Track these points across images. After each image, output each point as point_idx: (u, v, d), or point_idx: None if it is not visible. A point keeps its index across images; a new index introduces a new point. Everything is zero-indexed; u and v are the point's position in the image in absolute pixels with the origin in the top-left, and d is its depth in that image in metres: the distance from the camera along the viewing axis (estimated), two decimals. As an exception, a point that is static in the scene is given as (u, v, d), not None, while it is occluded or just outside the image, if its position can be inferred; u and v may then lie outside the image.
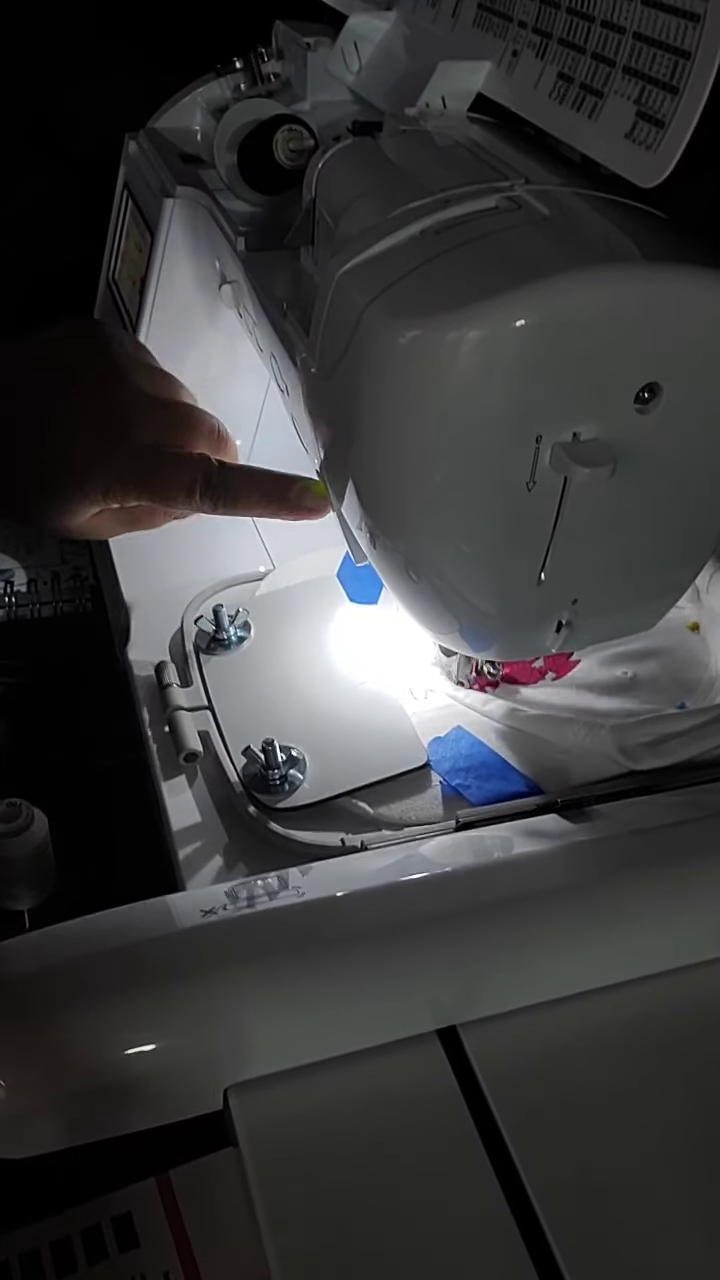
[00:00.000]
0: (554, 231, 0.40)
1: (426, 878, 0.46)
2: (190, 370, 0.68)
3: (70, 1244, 0.41)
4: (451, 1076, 0.42)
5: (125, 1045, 0.39)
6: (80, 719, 0.65)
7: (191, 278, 0.64)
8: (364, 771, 0.53)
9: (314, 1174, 0.40)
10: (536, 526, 0.43)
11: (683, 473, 0.43)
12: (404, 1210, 0.39)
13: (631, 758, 0.52)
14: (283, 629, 0.62)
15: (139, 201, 0.67)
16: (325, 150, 0.48)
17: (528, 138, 0.49)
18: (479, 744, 0.55)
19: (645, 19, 0.40)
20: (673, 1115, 0.42)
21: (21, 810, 0.52)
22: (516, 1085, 0.42)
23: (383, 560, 0.47)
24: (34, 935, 0.43)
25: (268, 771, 0.53)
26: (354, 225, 0.43)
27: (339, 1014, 0.42)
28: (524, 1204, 0.39)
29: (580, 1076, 0.43)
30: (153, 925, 0.43)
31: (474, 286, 0.38)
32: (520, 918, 0.44)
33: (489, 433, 0.40)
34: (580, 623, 0.48)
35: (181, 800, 0.54)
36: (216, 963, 0.41)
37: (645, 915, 0.45)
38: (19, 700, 0.67)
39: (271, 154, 0.56)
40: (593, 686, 0.59)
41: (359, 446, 0.43)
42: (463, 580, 0.45)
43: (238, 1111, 0.41)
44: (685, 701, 0.57)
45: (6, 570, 0.77)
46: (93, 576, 0.76)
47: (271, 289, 0.52)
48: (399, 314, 0.39)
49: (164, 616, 0.64)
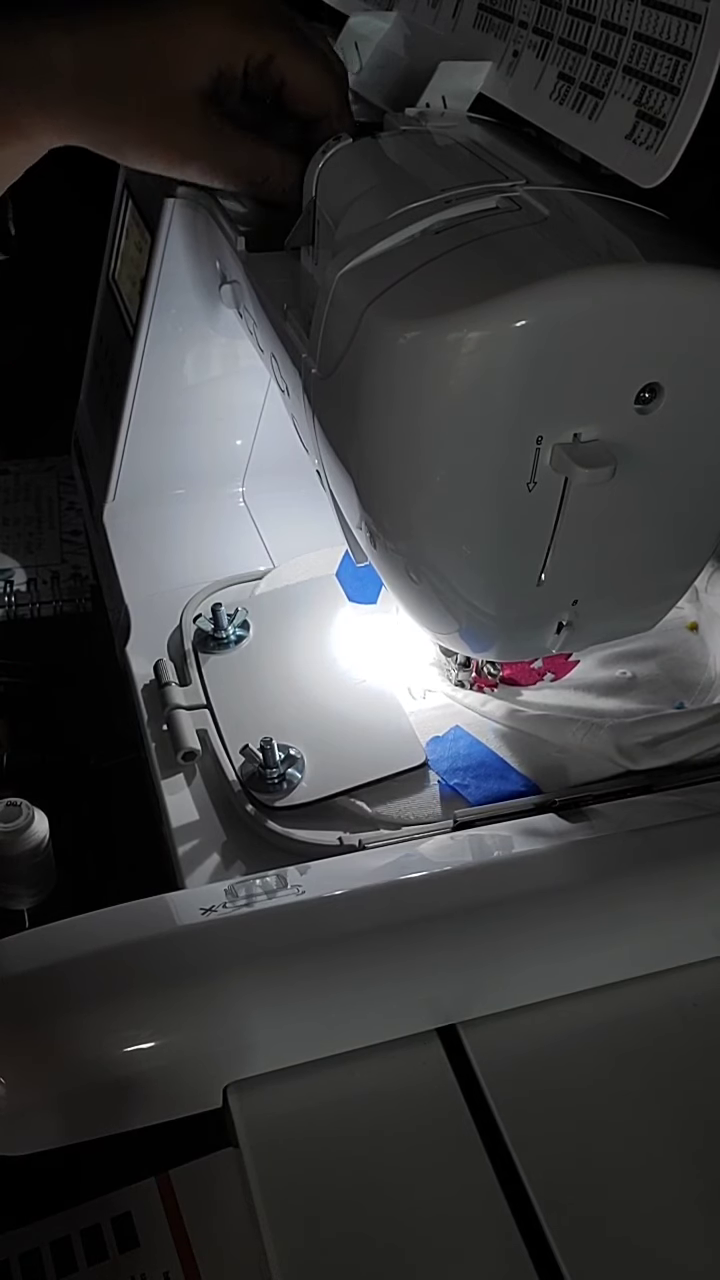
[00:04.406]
0: (554, 232, 0.40)
1: (425, 877, 0.46)
2: (190, 370, 0.68)
3: (70, 1244, 0.41)
4: (451, 1076, 0.42)
5: (124, 1043, 0.40)
6: (80, 719, 0.65)
7: (191, 278, 0.64)
8: (362, 771, 0.53)
9: (314, 1173, 0.40)
10: (537, 527, 0.43)
11: (683, 473, 0.43)
12: (404, 1209, 0.39)
13: (630, 758, 0.52)
14: (282, 628, 0.62)
15: (139, 201, 0.67)
16: (325, 150, 0.48)
17: (528, 138, 0.49)
18: (477, 744, 0.55)
19: (646, 19, 0.40)
20: (672, 1114, 0.42)
21: (21, 810, 0.53)
22: (516, 1084, 0.42)
23: (382, 560, 0.47)
24: (33, 933, 0.43)
25: (266, 770, 0.53)
26: (354, 225, 0.43)
27: (338, 1012, 0.42)
28: (523, 1203, 0.39)
29: (580, 1075, 0.43)
30: (152, 923, 0.43)
31: (475, 287, 0.38)
32: (519, 917, 0.44)
33: (489, 433, 0.40)
34: (580, 623, 0.48)
35: (180, 799, 0.54)
36: (216, 961, 0.41)
37: (643, 914, 0.45)
38: (19, 700, 0.67)
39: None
40: (591, 687, 0.59)
41: (359, 447, 0.43)
42: (463, 581, 0.45)
43: (237, 1110, 0.41)
44: (684, 702, 0.57)
45: (6, 570, 0.77)
46: (93, 576, 0.76)
47: (271, 289, 0.52)
48: (399, 315, 0.39)
49: (163, 616, 0.64)
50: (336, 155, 0.48)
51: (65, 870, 0.55)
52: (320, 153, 0.48)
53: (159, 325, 0.66)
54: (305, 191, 0.48)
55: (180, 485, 0.73)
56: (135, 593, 0.66)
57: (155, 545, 0.70)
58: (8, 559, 0.78)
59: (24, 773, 0.63)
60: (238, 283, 0.57)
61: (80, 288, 0.78)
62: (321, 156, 0.48)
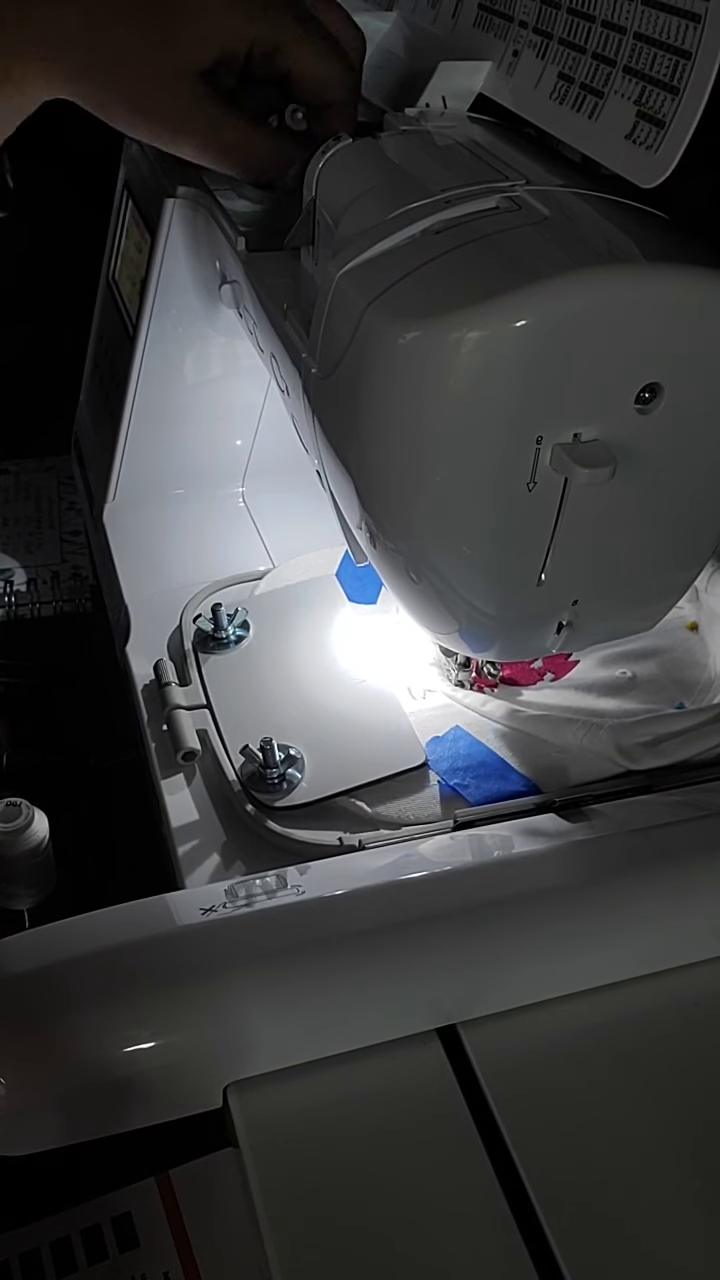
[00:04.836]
0: (554, 232, 0.40)
1: (425, 877, 0.46)
2: (190, 370, 0.68)
3: (70, 1244, 0.41)
4: (451, 1076, 0.42)
5: (124, 1043, 0.40)
6: (80, 719, 0.65)
7: (191, 278, 0.64)
8: (362, 771, 0.53)
9: (314, 1173, 0.40)
10: (537, 527, 0.43)
11: (683, 473, 0.43)
12: (404, 1209, 0.39)
13: (630, 757, 0.52)
14: (282, 628, 0.62)
15: (139, 201, 0.67)
16: (326, 150, 0.48)
17: (528, 138, 0.49)
18: (477, 744, 0.55)
19: (646, 19, 0.40)
20: (672, 1113, 0.42)
21: (21, 810, 0.53)
22: (516, 1084, 0.42)
23: (383, 560, 0.47)
24: (33, 933, 0.43)
25: (266, 770, 0.53)
26: (354, 225, 0.43)
27: (338, 1012, 0.42)
28: (523, 1202, 0.39)
29: (580, 1075, 0.43)
30: (152, 923, 0.43)
31: (474, 287, 0.38)
32: (519, 917, 0.44)
33: (489, 433, 0.40)
34: (580, 623, 0.48)
35: (180, 799, 0.54)
36: (215, 960, 0.41)
37: (643, 914, 0.45)
38: (19, 700, 0.67)
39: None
40: (591, 687, 0.59)
41: (359, 447, 0.43)
42: (463, 581, 0.45)
43: (237, 1109, 0.41)
44: (684, 701, 0.57)
45: (6, 570, 0.77)
46: (93, 576, 0.76)
47: (271, 289, 0.52)
48: (399, 315, 0.39)
49: (163, 616, 0.64)
50: (336, 155, 0.48)
51: (65, 870, 0.55)
52: (320, 152, 0.48)
53: (159, 325, 0.66)
54: (305, 191, 0.48)
55: (180, 485, 0.73)
56: (135, 593, 0.66)
57: (155, 545, 0.70)
58: (8, 559, 0.78)
59: (24, 773, 0.63)
60: (238, 283, 0.57)
61: (80, 288, 0.78)
62: (321, 156, 0.48)
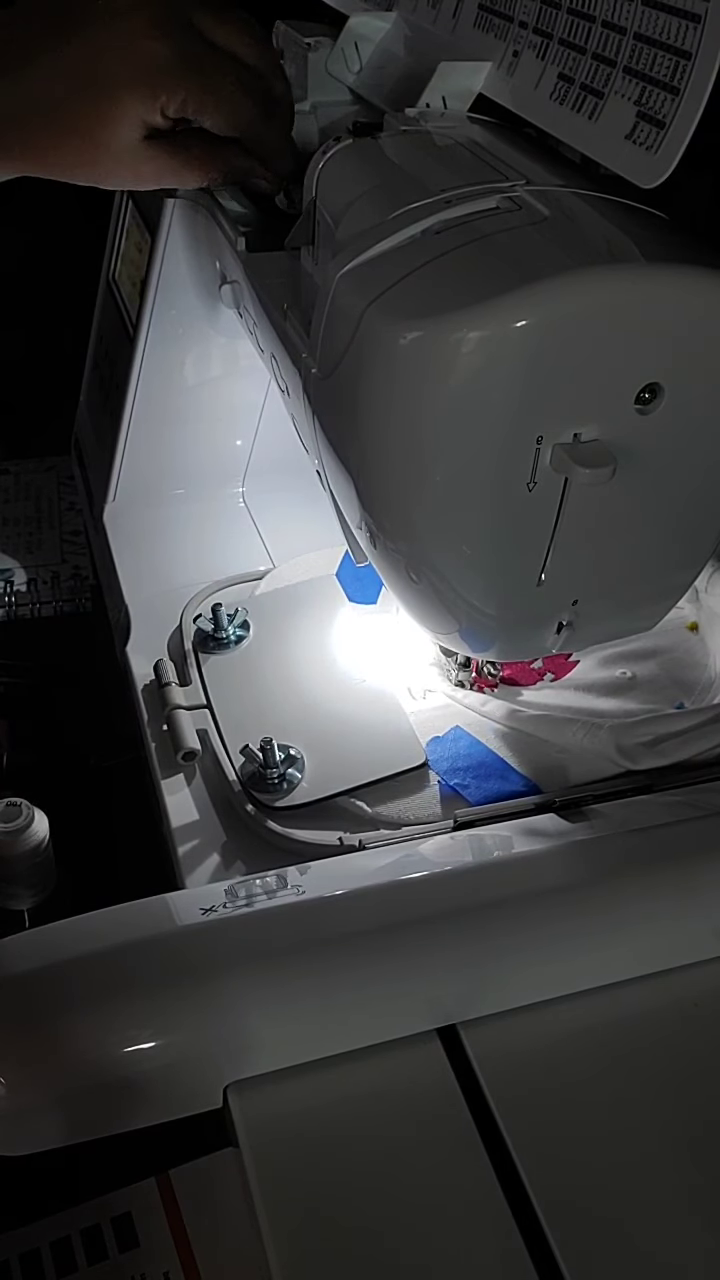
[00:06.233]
0: (554, 232, 0.40)
1: (425, 877, 0.46)
2: (190, 370, 0.68)
3: (70, 1244, 0.41)
4: (451, 1076, 0.42)
5: (124, 1043, 0.40)
6: (80, 719, 0.65)
7: (191, 278, 0.64)
8: (362, 771, 0.53)
9: (314, 1173, 0.40)
10: (537, 527, 0.43)
11: (683, 474, 0.43)
12: (403, 1209, 0.39)
13: (630, 758, 0.52)
14: (282, 628, 0.62)
15: (139, 202, 0.67)
16: (326, 150, 0.48)
17: (528, 138, 0.49)
18: (477, 744, 0.55)
19: (646, 19, 0.40)
20: (672, 1113, 0.42)
21: (21, 810, 0.53)
22: (516, 1084, 0.42)
23: (383, 561, 0.47)
24: (34, 933, 0.43)
25: (266, 770, 0.53)
26: (354, 226, 0.43)
27: (338, 1012, 0.42)
28: (523, 1202, 0.39)
29: (580, 1075, 0.43)
30: (152, 923, 0.43)
31: (475, 287, 0.38)
32: (519, 917, 0.44)
33: (490, 434, 0.40)
34: (580, 623, 0.48)
35: (180, 799, 0.54)
36: (216, 960, 0.41)
37: (643, 914, 0.45)
38: (19, 700, 0.67)
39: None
40: (591, 687, 0.59)
41: (359, 447, 0.43)
42: (463, 581, 0.45)
43: (237, 1109, 0.41)
44: (684, 702, 0.57)
45: (6, 570, 0.77)
46: (93, 576, 0.76)
47: (271, 289, 0.52)
48: (400, 315, 0.39)
49: (164, 616, 0.64)
50: (336, 155, 0.48)
51: (65, 870, 0.55)
52: (320, 153, 0.48)
53: (159, 325, 0.66)
54: (305, 191, 0.48)
55: (180, 485, 0.73)
56: (135, 593, 0.66)
57: (155, 545, 0.70)
58: (8, 559, 0.78)
59: (24, 773, 0.63)
60: (238, 283, 0.57)
61: (80, 288, 0.78)
62: (322, 156, 0.48)
